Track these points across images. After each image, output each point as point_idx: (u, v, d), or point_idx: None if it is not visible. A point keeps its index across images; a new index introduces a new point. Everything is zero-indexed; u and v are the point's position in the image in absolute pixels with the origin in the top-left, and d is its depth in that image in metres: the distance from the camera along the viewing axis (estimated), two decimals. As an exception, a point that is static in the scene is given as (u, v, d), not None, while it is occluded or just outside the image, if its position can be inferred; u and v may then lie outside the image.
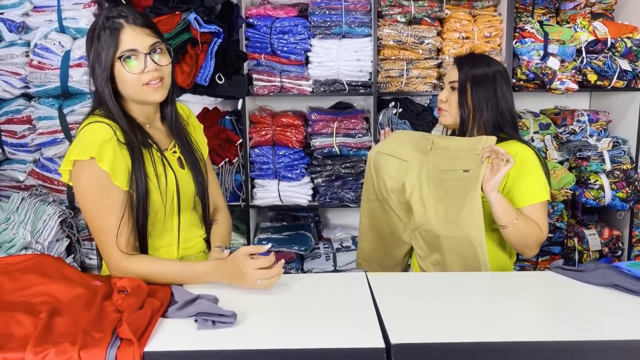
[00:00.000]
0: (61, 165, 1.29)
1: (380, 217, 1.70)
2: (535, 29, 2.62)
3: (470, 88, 1.58)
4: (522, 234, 1.49)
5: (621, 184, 2.66)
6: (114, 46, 1.25)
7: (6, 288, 1.20)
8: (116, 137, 1.27)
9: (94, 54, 1.27)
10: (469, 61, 1.64)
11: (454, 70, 1.64)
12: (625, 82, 2.64)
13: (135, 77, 1.27)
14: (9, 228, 1.92)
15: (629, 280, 1.26)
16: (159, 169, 1.33)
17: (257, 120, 2.70)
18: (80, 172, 1.26)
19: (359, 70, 2.65)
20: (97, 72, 1.27)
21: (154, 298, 1.17)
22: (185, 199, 1.39)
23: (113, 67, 1.27)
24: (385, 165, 1.63)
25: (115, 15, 1.26)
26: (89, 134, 1.27)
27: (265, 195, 2.72)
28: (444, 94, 1.65)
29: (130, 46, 1.25)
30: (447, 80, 1.66)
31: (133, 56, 1.26)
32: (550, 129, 2.76)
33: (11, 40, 2.42)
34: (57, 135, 2.38)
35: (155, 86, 1.29)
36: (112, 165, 1.25)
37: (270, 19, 2.61)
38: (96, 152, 1.23)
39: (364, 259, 1.79)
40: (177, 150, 1.41)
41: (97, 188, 1.25)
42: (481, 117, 1.58)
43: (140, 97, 1.31)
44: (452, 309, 1.14)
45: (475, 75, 1.59)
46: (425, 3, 2.63)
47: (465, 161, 1.49)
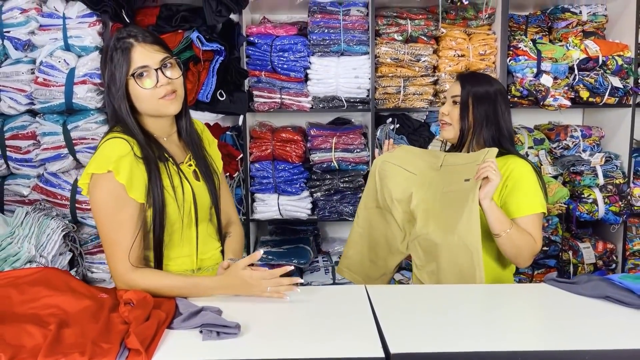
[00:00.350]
0: (80, 179, 1.34)
1: (377, 225, 1.73)
2: (528, 47, 2.69)
3: (472, 104, 1.64)
4: (515, 244, 1.53)
5: (614, 198, 2.70)
6: (126, 65, 1.30)
7: (15, 300, 1.23)
8: (133, 151, 1.31)
9: (108, 75, 1.32)
10: (471, 79, 1.69)
11: (456, 85, 1.68)
12: (616, 99, 2.71)
13: (150, 92, 1.32)
14: (13, 242, 1.94)
15: (620, 292, 1.30)
16: (176, 181, 1.37)
17: (257, 135, 2.74)
18: (96, 184, 1.30)
19: (357, 87, 2.70)
20: (113, 91, 1.32)
21: (160, 310, 1.20)
22: (202, 210, 1.43)
23: (127, 85, 1.32)
24: (393, 175, 1.67)
25: (125, 35, 1.32)
26: (107, 149, 1.31)
27: (265, 209, 2.75)
28: (446, 108, 1.69)
29: (141, 63, 1.31)
30: (449, 95, 1.70)
31: (145, 72, 1.32)
32: (545, 144, 2.81)
33: (17, 58, 2.45)
34: (61, 150, 2.41)
35: (170, 98, 1.34)
36: (129, 178, 1.29)
37: (271, 37, 2.66)
38: (113, 166, 1.27)
39: (347, 267, 1.80)
40: (193, 163, 1.45)
41: (112, 201, 1.29)
42: (481, 133, 1.63)
43: (157, 111, 1.36)
44: (450, 319, 1.18)
45: (478, 93, 1.64)
46: (422, 22, 2.69)
47: (467, 172, 1.54)
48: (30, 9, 2.42)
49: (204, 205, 1.44)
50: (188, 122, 1.47)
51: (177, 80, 1.36)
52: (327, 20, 2.63)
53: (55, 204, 2.40)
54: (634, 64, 2.72)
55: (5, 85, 2.42)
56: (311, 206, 2.78)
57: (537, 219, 1.58)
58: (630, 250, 2.82)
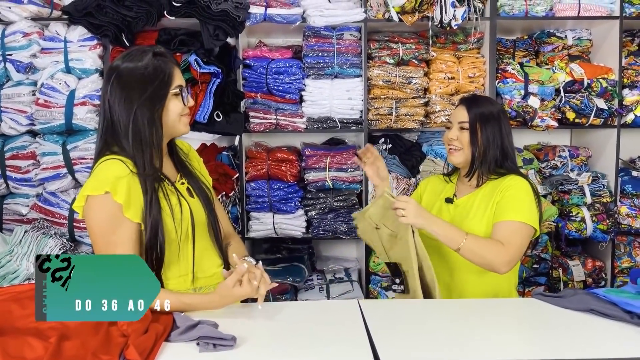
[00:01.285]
0: (75, 201, 1.35)
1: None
2: (516, 70, 2.77)
3: (480, 127, 1.68)
4: (477, 254, 1.55)
5: (601, 217, 2.75)
6: (169, 82, 1.38)
7: (16, 314, 1.26)
8: (131, 172, 1.33)
9: (150, 91, 1.35)
10: (475, 102, 1.74)
11: (462, 111, 1.72)
12: (602, 120, 2.77)
13: (182, 109, 1.41)
14: (12, 260, 1.98)
15: (604, 305, 1.34)
16: (173, 200, 1.39)
17: (253, 155, 2.78)
18: (92, 206, 1.32)
19: (350, 109, 2.75)
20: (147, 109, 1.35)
21: (158, 323, 1.23)
22: (199, 226, 1.45)
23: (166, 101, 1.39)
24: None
25: (163, 53, 1.41)
26: (104, 170, 1.33)
27: (260, 228, 2.78)
28: (454, 133, 1.71)
29: (180, 82, 1.40)
30: (455, 120, 1.73)
31: (181, 91, 1.41)
32: (534, 164, 2.88)
33: (18, 80, 2.51)
34: (60, 170, 2.45)
35: (188, 117, 1.44)
36: (127, 198, 1.31)
37: (266, 60, 2.72)
38: (111, 187, 1.29)
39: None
40: (185, 181, 1.48)
41: (108, 221, 1.31)
42: (488, 154, 1.68)
43: (177, 128, 1.43)
44: (441, 332, 1.22)
45: (484, 114, 1.69)
46: (413, 46, 2.77)
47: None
48: (32, 32, 2.49)
49: (201, 221, 1.47)
50: (174, 143, 1.54)
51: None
52: (321, 44, 2.70)
53: (53, 223, 2.43)
54: (618, 87, 2.79)
55: (6, 106, 2.48)
56: (306, 224, 2.81)
57: (516, 226, 1.59)
58: (619, 267, 2.86)
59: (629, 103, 2.80)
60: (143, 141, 1.35)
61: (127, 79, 1.35)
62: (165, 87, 1.37)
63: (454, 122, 1.73)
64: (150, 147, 1.36)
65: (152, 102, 1.35)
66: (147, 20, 2.48)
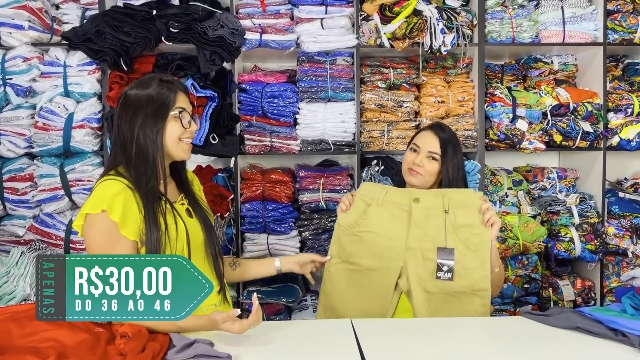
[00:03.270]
0: (75, 221, 1.40)
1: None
2: (504, 94, 2.85)
3: (450, 154, 1.77)
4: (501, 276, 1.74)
5: (589, 237, 2.80)
6: (172, 102, 1.45)
7: (15, 334, 1.28)
8: (128, 191, 1.39)
9: (151, 111, 1.42)
10: (444, 131, 1.83)
11: (434, 141, 1.79)
12: (588, 142, 2.84)
13: (181, 131, 1.46)
14: (9, 281, 1.99)
15: (590, 323, 1.39)
16: (169, 219, 1.43)
17: (248, 177, 2.81)
18: (90, 224, 1.36)
19: (344, 131, 2.80)
20: (148, 129, 1.42)
21: (154, 342, 1.26)
22: (195, 246, 1.48)
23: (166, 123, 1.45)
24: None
25: (169, 80, 1.48)
26: (101, 190, 1.39)
27: (254, 248, 2.80)
28: (420, 160, 1.78)
29: (183, 105, 1.47)
30: (425, 148, 1.79)
31: (184, 113, 1.47)
32: (523, 185, 2.93)
33: (18, 104, 2.56)
34: (57, 192, 2.48)
35: (189, 144, 1.50)
36: (122, 216, 1.35)
37: (261, 85, 2.78)
38: (107, 205, 1.34)
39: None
40: (185, 202, 1.53)
41: (105, 239, 1.35)
42: (453, 183, 1.77)
43: (176, 152, 1.48)
44: (433, 351, 1.26)
45: (452, 141, 1.80)
46: (404, 70, 2.84)
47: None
48: (32, 57, 2.54)
49: (197, 241, 1.50)
50: (183, 166, 1.59)
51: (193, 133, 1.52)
52: (315, 69, 2.77)
53: (49, 244, 2.45)
54: (603, 110, 2.87)
55: (5, 129, 2.52)
56: (300, 245, 2.82)
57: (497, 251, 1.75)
58: (608, 287, 2.89)
59: (613, 126, 2.88)
60: (145, 159, 1.42)
61: (134, 100, 1.45)
62: (165, 108, 1.44)
63: (423, 148, 1.80)
64: (152, 165, 1.42)
65: (154, 121, 1.43)
66: (145, 46, 2.54)
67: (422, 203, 1.66)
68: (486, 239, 1.61)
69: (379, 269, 1.66)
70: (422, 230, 1.64)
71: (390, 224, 1.67)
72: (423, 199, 1.66)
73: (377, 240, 1.67)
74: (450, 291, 1.61)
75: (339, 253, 1.73)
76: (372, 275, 1.67)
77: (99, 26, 2.50)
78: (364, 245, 1.69)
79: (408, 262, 1.64)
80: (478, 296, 1.61)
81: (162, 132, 1.43)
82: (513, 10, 2.86)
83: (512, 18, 2.84)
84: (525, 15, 2.87)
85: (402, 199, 1.68)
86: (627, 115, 2.89)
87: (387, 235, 1.67)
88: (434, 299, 1.63)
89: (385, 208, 1.69)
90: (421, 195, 1.67)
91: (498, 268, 1.68)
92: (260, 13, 2.74)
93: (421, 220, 1.65)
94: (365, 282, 1.69)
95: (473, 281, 1.61)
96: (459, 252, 1.61)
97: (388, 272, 1.65)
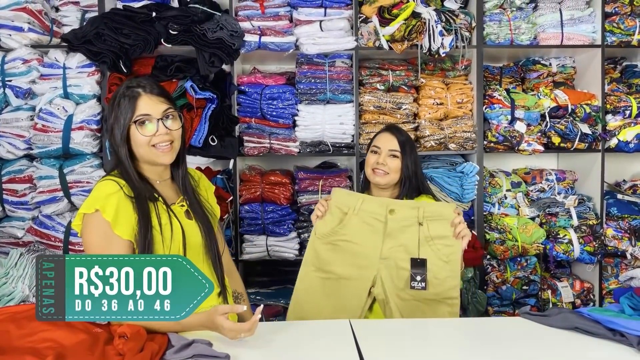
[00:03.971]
0: (74, 221, 1.41)
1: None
2: (502, 96, 2.86)
3: (408, 154, 1.88)
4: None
5: (588, 239, 2.80)
6: (131, 111, 1.41)
7: (14, 334, 1.28)
8: (123, 191, 1.39)
9: (113, 118, 1.42)
10: (399, 131, 1.95)
11: (392, 140, 1.90)
12: (586, 144, 2.85)
13: (147, 139, 1.42)
14: (8, 282, 1.99)
15: (588, 324, 1.39)
16: (164, 219, 1.42)
17: (247, 178, 2.82)
18: (86, 224, 1.38)
19: (342, 133, 2.81)
20: (116, 134, 1.42)
21: (153, 342, 1.26)
22: (192, 248, 1.46)
23: (129, 130, 1.42)
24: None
25: (134, 85, 1.44)
26: (97, 190, 1.40)
27: (253, 250, 2.80)
28: (383, 159, 1.88)
29: (145, 111, 1.42)
30: (385, 148, 1.90)
31: (147, 120, 1.42)
32: (522, 187, 2.94)
33: (17, 105, 2.56)
34: (56, 193, 2.48)
35: (164, 150, 1.44)
36: (115, 216, 1.36)
37: (260, 87, 2.78)
38: (100, 205, 1.35)
39: None
40: (185, 203, 1.51)
41: (100, 238, 1.36)
42: (413, 177, 1.88)
43: (150, 158, 1.45)
44: (433, 352, 1.26)
45: (409, 143, 1.91)
46: (402, 73, 2.85)
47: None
48: (32, 59, 2.54)
49: (195, 244, 1.48)
50: (183, 170, 1.55)
51: (176, 132, 1.46)
52: (314, 71, 2.77)
53: (48, 246, 2.45)
54: (601, 112, 2.87)
55: (4, 131, 2.52)
56: (299, 247, 2.83)
57: None
58: (607, 289, 2.90)
59: (612, 128, 2.88)
60: (121, 161, 1.44)
61: (108, 107, 1.47)
62: (123, 119, 1.41)
63: (383, 149, 1.90)
64: (128, 167, 1.43)
65: (118, 128, 1.42)
66: (144, 48, 2.54)
67: (397, 214, 1.71)
68: (457, 250, 1.66)
69: (353, 277, 1.70)
70: (397, 240, 1.70)
71: (366, 233, 1.72)
72: (398, 211, 1.71)
73: (353, 249, 1.72)
74: (422, 298, 1.66)
75: (313, 261, 1.75)
76: (347, 283, 1.71)
77: (99, 28, 2.50)
78: (340, 254, 1.72)
79: (382, 271, 1.69)
80: (447, 304, 1.66)
81: (124, 141, 1.42)
82: (511, 13, 2.87)
83: (510, 20, 2.85)
84: (523, 17, 2.88)
85: (378, 209, 1.73)
86: (626, 117, 2.90)
87: (363, 244, 1.71)
88: (406, 305, 1.67)
89: (361, 217, 1.73)
90: (396, 206, 1.72)
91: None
92: (259, 15, 2.74)
93: (396, 231, 1.70)
94: (339, 290, 1.72)
95: (443, 290, 1.65)
96: (432, 262, 1.66)
97: (362, 280, 1.70)
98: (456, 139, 2.79)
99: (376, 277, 1.69)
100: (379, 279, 1.69)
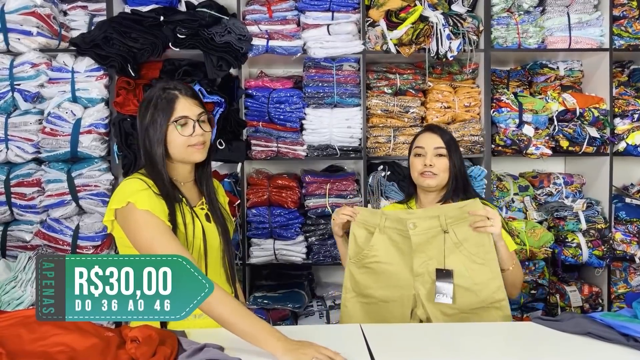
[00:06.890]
0: (104, 217, 1.43)
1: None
2: (510, 99, 2.85)
3: (453, 152, 1.80)
4: (517, 276, 1.69)
5: (597, 242, 2.78)
6: (169, 112, 1.44)
7: (25, 339, 1.28)
8: (152, 190, 1.42)
9: (149, 118, 1.45)
10: (441, 129, 1.87)
11: (435, 138, 1.81)
12: (594, 148, 2.84)
13: (185, 140, 1.45)
14: (17, 286, 1.99)
15: (601, 329, 1.37)
16: (188, 219, 1.45)
17: (254, 182, 2.82)
18: (126, 216, 1.38)
19: (350, 137, 2.81)
20: (151, 134, 1.44)
21: (165, 346, 1.26)
22: (212, 250, 1.50)
23: (166, 131, 1.45)
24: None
25: (171, 87, 1.48)
26: (123, 187, 1.43)
27: (261, 254, 2.80)
28: (430, 160, 1.78)
29: (183, 113, 1.45)
30: (430, 147, 1.80)
31: (185, 121, 1.45)
32: (529, 191, 2.93)
33: (26, 109, 2.57)
34: (64, 197, 2.48)
35: (198, 148, 1.48)
36: (151, 207, 1.38)
37: (268, 90, 2.79)
38: (132, 198, 1.37)
39: None
40: (205, 207, 1.55)
41: (148, 220, 1.36)
42: (459, 177, 1.80)
43: (186, 156, 1.48)
44: (444, 357, 1.24)
45: (452, 141, 1.83)
46: (410, 76, 2.85)
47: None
48: (40, 63, 2.55)
49: (214, 246, 1.51)
50: (208, 171, 1.59)
51: (208, 134, 1.51)
52: (321, 74, 2.77)
53: (56, 249, 2.45)
54: (609, 116, 2.86)
55: (13, 134, 2.52)
56: (306, 250, 2.82)
57: (514, 254, 1.73)
58: (615, 293, 2.88)
59: (620, 132, 2.87)
60: (152, 162, 1.45)
61: (141, 107, 1.49)
62: (163, 115, 1.44)
63: (428, 149, 1.81)
64: (161, 167, 1.45)
65: (154, 128, 1.45)
66: (152, 52, 2.55)
67: (417, 228, 1.62)
68: (489, 247, 1.58)
69: (393, 299, 1.64)
70: (426, 254, 1.62)
71: (394, 251, 1.66)
72: (418, 224, 1.63)
73: (386, 269, 1.65)
74: (468, 309, 1.58)
75: (353, 287, 1.70)
76: (387, 307, 1.65)
77: (107, 32, 2.51)
78: (374, 276, 1.67)
79: (419, 289, 1.62)
80: (496, 307, 1.58)
81: (161, 141, 1.45)
82: (519, 16, 2.87)
83: (518, 24, 2.85)
84: (531, 21, 2.88)
85: (400, 224, 1.65)
86: (634, 120, 2.89)
87: (395, 263, 1.65)
88: (453, 320, 1.59)
89: (387, 235, 1.67)
90: (415, 220, 1.64)
91: (512, 266, 1.64)
92: (267, 19, 2.75)
93: (422, 245, 1.62)
94: (381, 314, 1.66)
95: (488, 295, 1.58)
96: (468, 267, 1.58)
97: (402, 301, 1.63)
98: (464, 142, 2.78)
99: (415, 296, 1.62)
100: (418, 299, 1.62)
